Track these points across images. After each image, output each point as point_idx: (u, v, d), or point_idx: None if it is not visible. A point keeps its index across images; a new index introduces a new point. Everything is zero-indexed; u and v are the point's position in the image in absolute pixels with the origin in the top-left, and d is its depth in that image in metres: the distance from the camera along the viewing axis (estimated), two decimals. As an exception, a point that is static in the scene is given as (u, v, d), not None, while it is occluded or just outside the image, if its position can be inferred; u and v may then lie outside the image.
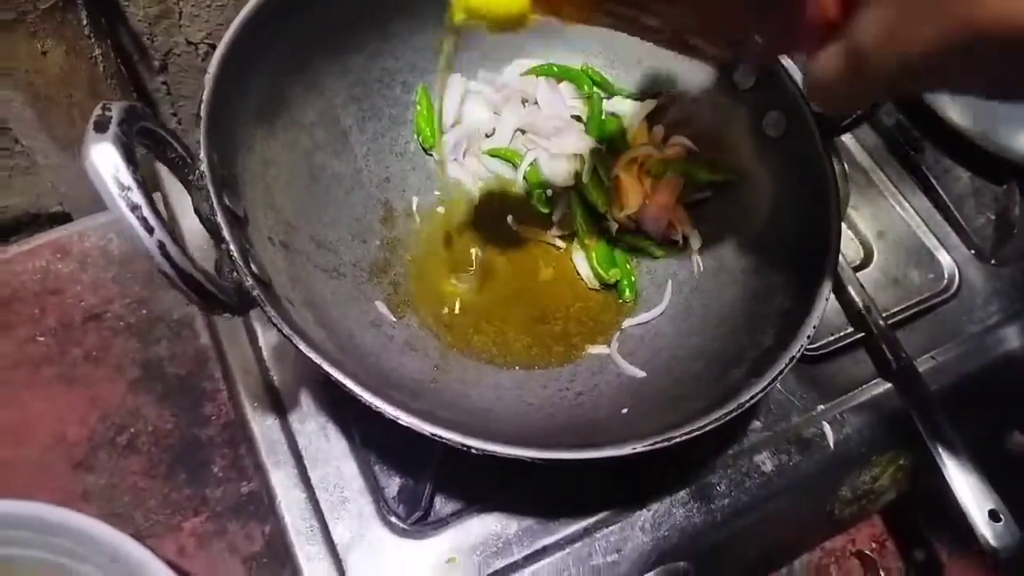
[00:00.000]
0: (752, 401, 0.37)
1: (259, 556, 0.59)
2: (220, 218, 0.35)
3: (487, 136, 0.55)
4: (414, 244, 0.51)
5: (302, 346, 0.34)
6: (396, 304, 0.48)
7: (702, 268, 0.50)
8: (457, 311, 0.49)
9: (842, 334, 0.55)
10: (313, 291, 0.42)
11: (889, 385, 0.53)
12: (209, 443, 0.63)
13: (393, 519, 0.45)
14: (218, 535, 0.60)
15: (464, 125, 0.54)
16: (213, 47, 0.73)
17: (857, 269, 0.59)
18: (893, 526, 0.66)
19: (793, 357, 0.38)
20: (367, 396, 0.34)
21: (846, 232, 0.61)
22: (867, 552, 0.65)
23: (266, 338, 0.50)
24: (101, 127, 0.30)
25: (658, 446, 0.35)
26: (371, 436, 0.47)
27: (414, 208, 0.52)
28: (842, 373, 0.54)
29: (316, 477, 0.46)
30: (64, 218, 0.80)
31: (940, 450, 0.46)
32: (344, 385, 0.34)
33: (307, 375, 0.49)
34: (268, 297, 0.35)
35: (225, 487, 0.62)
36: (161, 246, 0.30)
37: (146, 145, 0.35)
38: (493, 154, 0.54)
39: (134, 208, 0.29)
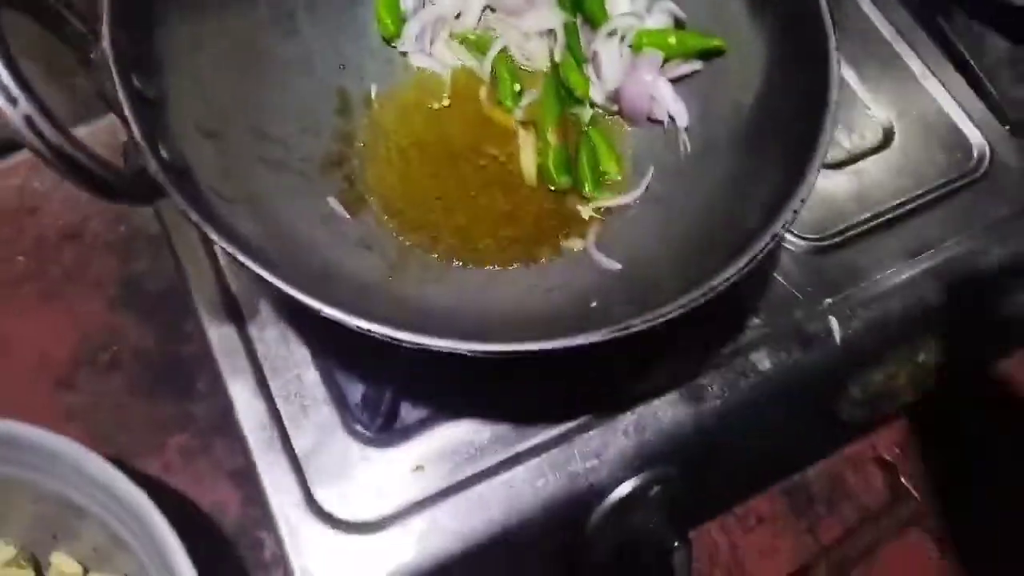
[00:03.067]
0: (725, 284, 0.33)
1: (244, 472, 0.58)
2: (122, 96, 0.31)
3: (456, 18, 0.49)
4: (372, 135, 0.47)
5: (213, 235, 0.31)
6: (351, 200, 0.44)
7: (689, 150, 0.45)
8: (418, 205, 0.45)
9: (855, 221, 0.50)
10: (252, 185, 0.39)
11: (905, 275, 0.48)
12: (192, 359, 0.62)
13: (357, 427, 0.43)
14: (204, 451, 0.59)
15: (429, 9, 0.49)
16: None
17: (875, 151, 0.53)
18: (917, 430, 0.62)
19: (776, 235, 0.33)
20: (294, 291, 0.31)
21: (863, 111, 0.55)
22: (887, 458, 0.61)
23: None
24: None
25: (616, 334, 0.31)
26: (332, 342, 0.44)
27: (373, 96, 0.48)
28: (853, 264, 0.49)
29: (276, 386, 0.43)
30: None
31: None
32: (263, 275, 0.31)
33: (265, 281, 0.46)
34: (180, 185, 0.32)
35: (210, 402, 0.60)
36: (28, 120, 0.26)
37: (32, 14, 0.31)
38: (461, 41, 0.49)
39: (-12, 75, 0.26)
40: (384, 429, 0.42)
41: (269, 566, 0.55)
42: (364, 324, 0.31)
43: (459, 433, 0.43)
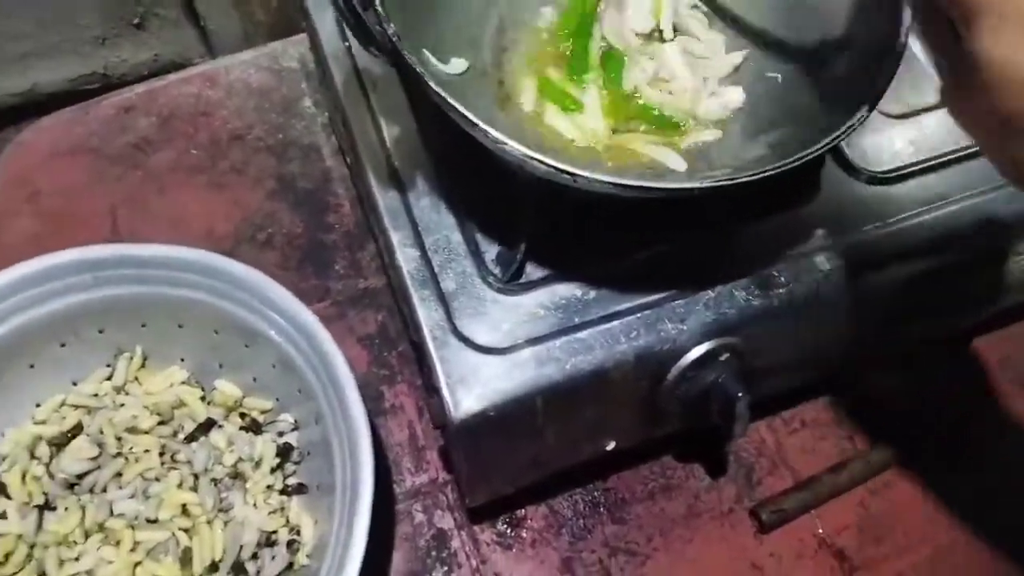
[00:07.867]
0: (796, 164, 0.43)
1: (372, 337, 0.70)
2: (368, -18, 0.43)
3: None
4: (525, 48, 0.58)
5: (428, 79, 0.42)
6: (502, 99, 0.55)
7: (780, 79, 0.55)
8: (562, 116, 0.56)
9: (910, 162, 0.59)
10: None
11: (943, 211, 0.57)
12: (332, 246, 0.73)
13: (491, 278, 0.53)
14: (339, 318, 0.70)
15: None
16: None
17: (934, 109, 0.62)
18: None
19: (840, 136, 0.44)
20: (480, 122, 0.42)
21: (927, 77, 0.64)
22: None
23: (389, 131, 0.58)
24: None
25: (722, 183, 0.41)
26: (476, 211, 0.55)
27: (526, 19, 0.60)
28: (904, 197, 0.58)
29: (428, 241, 0.54)
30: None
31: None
32: (459, 112, 0.42)
33: (423, 161, 0.57)
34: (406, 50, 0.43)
35: (345, 282, 0.72)
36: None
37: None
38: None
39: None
40: (512, 281, 0.53)
41: (387, 412, 0.66)
42: (529, 152, 0.41)
43: (571, 290, 0.53)
